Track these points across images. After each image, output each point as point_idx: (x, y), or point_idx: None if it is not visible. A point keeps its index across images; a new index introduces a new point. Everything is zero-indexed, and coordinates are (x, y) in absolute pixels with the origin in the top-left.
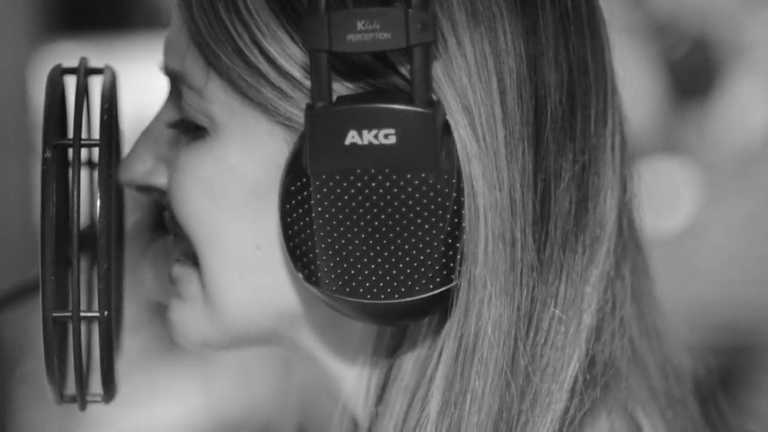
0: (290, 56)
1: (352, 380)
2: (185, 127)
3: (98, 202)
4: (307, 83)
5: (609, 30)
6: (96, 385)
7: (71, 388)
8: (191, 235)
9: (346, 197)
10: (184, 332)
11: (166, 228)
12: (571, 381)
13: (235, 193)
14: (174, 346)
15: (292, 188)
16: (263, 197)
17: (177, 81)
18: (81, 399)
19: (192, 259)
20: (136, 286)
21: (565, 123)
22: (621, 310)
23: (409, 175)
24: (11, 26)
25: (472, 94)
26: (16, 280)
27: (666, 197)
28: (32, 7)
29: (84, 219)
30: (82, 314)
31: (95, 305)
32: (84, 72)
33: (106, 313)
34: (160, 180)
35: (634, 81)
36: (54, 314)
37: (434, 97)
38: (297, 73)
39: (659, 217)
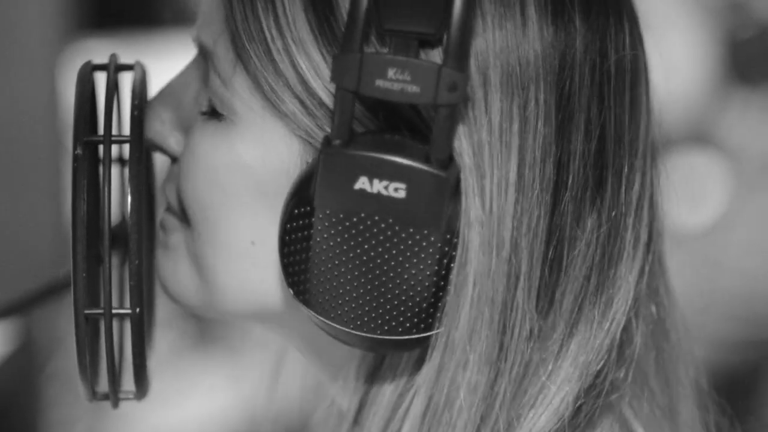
0: (319, 75)
1: (336, 389)
2: (207, 106)
3: (129, 199)
4: (331, 104)
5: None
6: (128, 382)
7: (103, 385)
8: (191, 214)
9: (345, 235)
10: (173, 288)
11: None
12: None
13: (240, 188)
14: (205, 342)
15: (296, 211)
16: (267, 199)
17: (206, 57)
18: (114, 396)
19: (181, 216)
20: None
21: (588, 191)
22: (627, 363)
23: (411, 230)
24: (41, 23)
25: (488, 154)
26: (47, 278)
27: (695, 191)
28: (62, 3)
29: (115, 216)
30: (114, 311)
31: (127, 302)
32: (114, 68)
33: (138, 309)
34: (174, 146)
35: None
36: (86, 312)
37: (452, 149)
38: (322, 93)
39: (688, 212)
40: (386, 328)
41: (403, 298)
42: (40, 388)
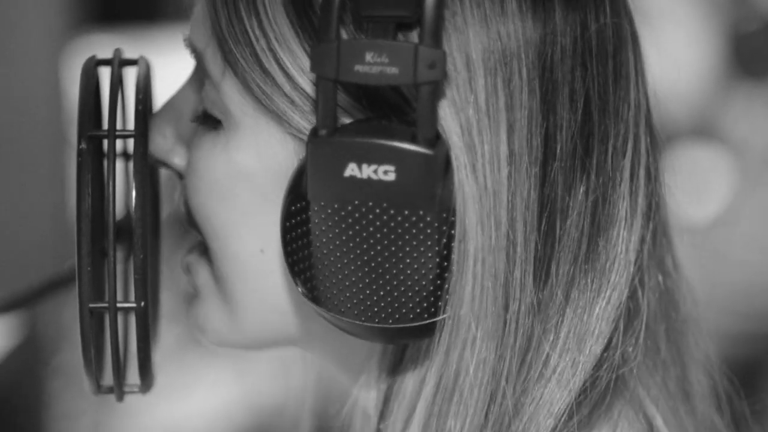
0: (303, 70)
1: (359, 389)
2: (204, 115)
3: (134, 193)
4: None
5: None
6: (133, 375)
7: (108, 378)
8: (203, 231)
9: (343, 225)
10: (205, 329)
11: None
12: (563, 409)
13: (243, 195)
14: None
15: (293, 208)
16: (270, 203)
17: (199, 62)
18: (118, 390)
19: (202, 248)
20: (172, 277)
21: (577, 160)
22: (636, 333)
23: (406, 212)
24: (44, 18)
25: (477, 131)
26: (52, 272)
27: (699, 185)
28: None
29: (119, 210)
30: (118, 305)
31: (132, 296)
32: (118, 63)
33: (142, 303)
34: (178, 161)
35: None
36: (91, 305)
37: (440, 130)
38: (308, 88)
39: (692, 205)
40: (397, 316)
41: (409, 283)
42: (45, 381)
